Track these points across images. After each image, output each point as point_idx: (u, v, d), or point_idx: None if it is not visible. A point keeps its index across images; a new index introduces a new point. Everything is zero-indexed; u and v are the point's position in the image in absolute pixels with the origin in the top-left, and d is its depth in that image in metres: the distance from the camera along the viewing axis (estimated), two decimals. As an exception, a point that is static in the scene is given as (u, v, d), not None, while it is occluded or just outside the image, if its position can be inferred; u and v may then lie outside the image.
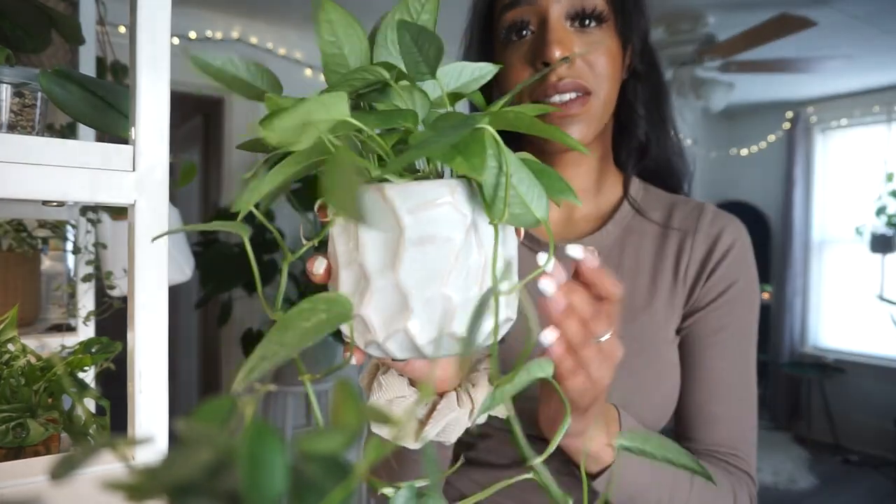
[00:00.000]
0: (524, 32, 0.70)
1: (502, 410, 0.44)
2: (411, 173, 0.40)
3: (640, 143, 0.78)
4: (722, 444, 0.70)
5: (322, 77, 0.42)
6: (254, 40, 3.20)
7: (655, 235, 0.75)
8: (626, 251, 0.74)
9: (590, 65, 0.69)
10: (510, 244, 0.41)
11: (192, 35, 3.03)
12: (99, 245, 1.25)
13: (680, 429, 0.73)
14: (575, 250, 0.45)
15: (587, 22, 0.69)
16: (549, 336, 0.44)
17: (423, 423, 0.47)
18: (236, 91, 0.38)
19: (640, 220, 0.76)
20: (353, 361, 0.41)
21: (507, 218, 0.37)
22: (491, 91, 0.75)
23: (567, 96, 0.68)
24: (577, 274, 0.46)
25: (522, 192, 0.37)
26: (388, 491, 0.35)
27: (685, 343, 0.72)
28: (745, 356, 0.72)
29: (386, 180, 0.38)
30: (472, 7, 0.77)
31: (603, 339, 0.46)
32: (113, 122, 0.46)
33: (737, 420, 0.70)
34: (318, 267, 0.44)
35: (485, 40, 0.75)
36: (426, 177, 0.40)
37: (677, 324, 0.72)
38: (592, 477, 0.56)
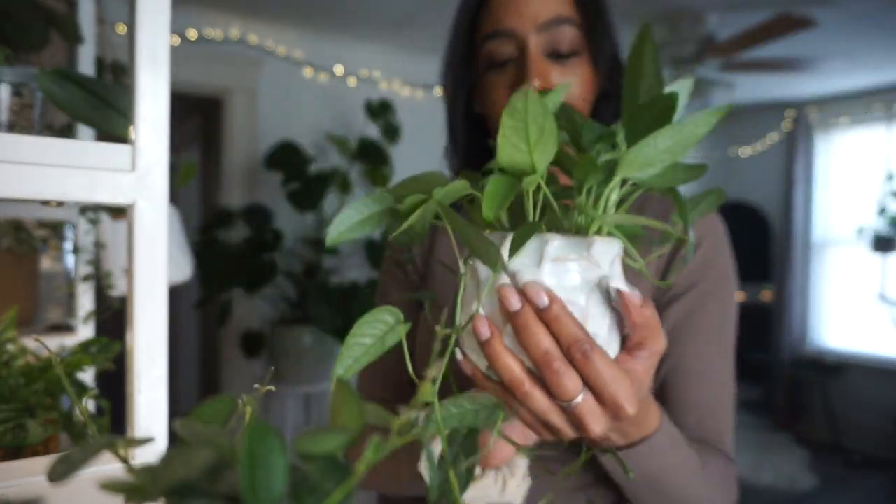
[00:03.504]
0: (504, 61, 0.75)
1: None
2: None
3: None
4: (707, 433, 0.72)
5: (322, 76, 0.43)
6: (253, 40, 3.20)
7: None
8: None
9: (567, 95, 0.73)
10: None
11: (192, 34, 3.03)
12: (98, 245, 1.25)
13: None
14: (617, 281, 0.44)
15: (563, 57, 0.74)
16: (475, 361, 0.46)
17: None
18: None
19: None
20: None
21: None
22: (472, 109, 0.81)
23: None
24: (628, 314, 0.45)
25: None
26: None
27: (666, 331, 0.74)
28: (724, 344, 0.75)
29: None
30: (454, 30, 0.82)
31: (573, 402, 0.44)
32: (112, 122, 0.46)
33: (718, 407, 0.73)
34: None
35: (466, 64, 0.80)
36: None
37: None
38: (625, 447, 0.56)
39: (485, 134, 0.82)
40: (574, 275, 0.43)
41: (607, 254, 0.44)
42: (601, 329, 0.45)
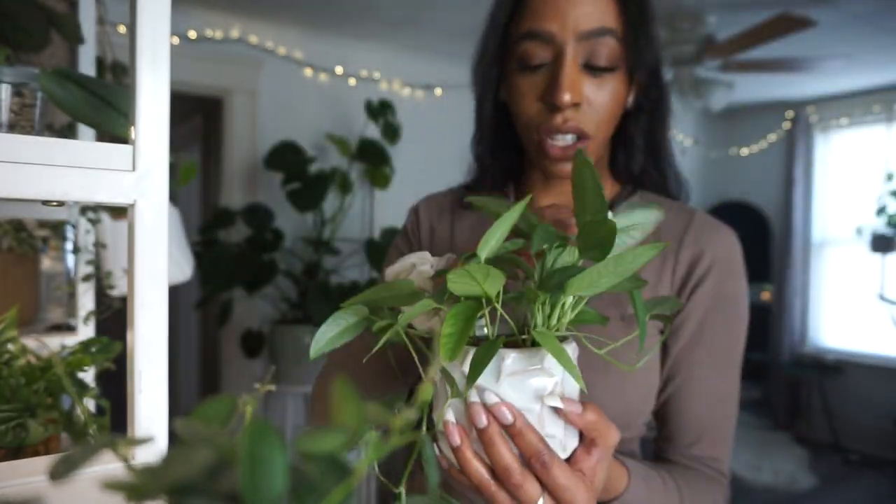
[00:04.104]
0: (538, 64, 0.71)
1: None
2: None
3: (638, 172, 0.81)
4: (703, 450, 0.74)
5: (322, 76, 0.43)
6: (254, 40, 3.20)
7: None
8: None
9: (594, 108, 0.71)
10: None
11: (192, 35, 3.03)
12: (99, 245, 1.25)
13: (663, 432, 0.76)
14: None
15: (599, 69, 0.71)
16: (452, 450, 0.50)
17: None
18: None
19: None
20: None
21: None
22: (498, 103, 0.80)
23: (568, 137, 0.71)
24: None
25: None
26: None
27: (677, 348, 0.74)
28: (731, 367, 0.75)
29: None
30: (490, 21, 0.78)
31: None
32: (113, 122, 0.46)
33: (717, 427, 0.74)
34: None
35: (498, 58, 0.77)
36: None
37: (659, 322, 0.74)
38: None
39: (511, 128, 0.80)
40: (530, 386, 0.49)
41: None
42: (557, 430, 0.50)
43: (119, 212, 1.28)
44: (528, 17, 0.72)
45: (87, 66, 1.16)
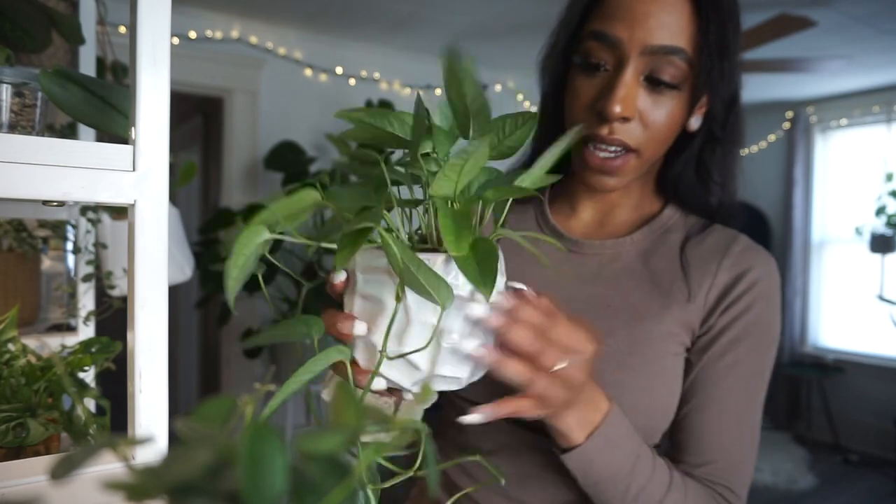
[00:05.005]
0: (599, 66, 0.69)
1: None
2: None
3: (709, 207, 0.79)
4: (715, 474, 0.69)
5: (322, 77, 0.43)
6: (254, 40, 3.20)
7: (684, 252, 0.75)
8: (649, 260, 0.75)
9: (646, 125, 0.69)
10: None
11: (192, 35, 3.03)
12: (99, 245, 1.25)
13: (675, 449, 0.72)
14: (517, 284, 0.53)
15: (661, 85, 0.68)
16: (471, 346, 0.50)
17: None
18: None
19: (672, 235, 0.77)
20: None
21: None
22: (560, 99, 0.77)
23: (611, 149, 0.69)
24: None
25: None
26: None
27: (699, 366, 0.71)
28: (753, 394, 0.71)
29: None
30: (564, 15, 0.76)
31: (558, 367, 0.52)
32: (113, 122, 0.46)
33: (734, 454, 0.70)
34: (337, 277, 0.54)
35: (566, 53, 0.74)
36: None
37: (687, 340, 0.72)
38: (562, 451, 0.61)
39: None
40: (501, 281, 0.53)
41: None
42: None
43: (119, 212, 1.28)
44: (599, 17, 0.69)
45: (87, 67, 1.16)
